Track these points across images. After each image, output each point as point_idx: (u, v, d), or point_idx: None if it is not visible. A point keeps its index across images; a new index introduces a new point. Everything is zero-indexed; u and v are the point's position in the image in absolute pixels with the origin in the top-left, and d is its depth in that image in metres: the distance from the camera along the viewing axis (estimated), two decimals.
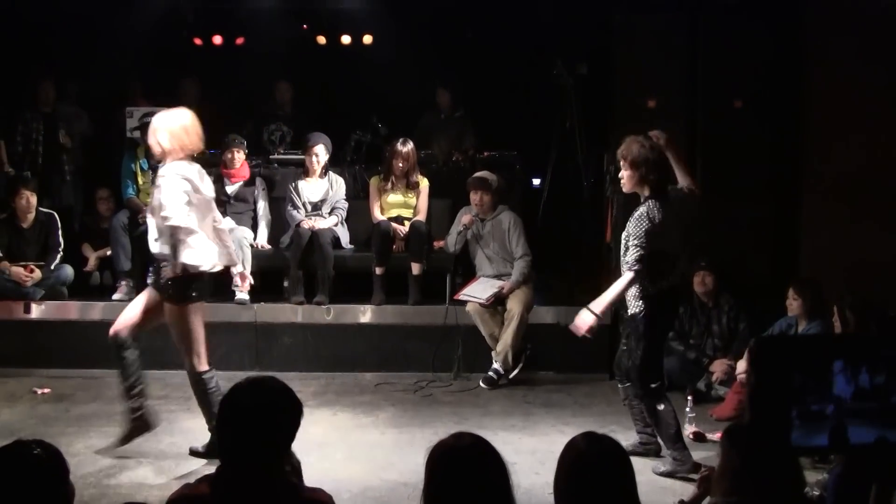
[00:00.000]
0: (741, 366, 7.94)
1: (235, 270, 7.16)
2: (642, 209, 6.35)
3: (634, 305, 6.41)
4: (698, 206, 6.61)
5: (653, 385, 6.49)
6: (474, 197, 9.30)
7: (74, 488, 3.37)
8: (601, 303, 6.33)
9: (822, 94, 9.24)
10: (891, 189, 8.51)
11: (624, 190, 6.62)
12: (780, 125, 9.53)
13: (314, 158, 9.74)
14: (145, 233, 9.45)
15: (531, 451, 6.92)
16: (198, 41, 12.39)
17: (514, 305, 8.96)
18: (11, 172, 10.23)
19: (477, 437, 3.36)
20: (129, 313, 6.69)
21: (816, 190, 9.32)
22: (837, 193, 8.90)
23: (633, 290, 6.35)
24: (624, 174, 6.48)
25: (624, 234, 6.39)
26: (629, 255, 6.27)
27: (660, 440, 6.70)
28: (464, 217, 9.33)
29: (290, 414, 3.40)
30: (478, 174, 9.48)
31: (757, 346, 3.67)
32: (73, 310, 9.46)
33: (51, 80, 10.59)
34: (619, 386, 7.03)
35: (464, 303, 9.08)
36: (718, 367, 8.42)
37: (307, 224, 9.54)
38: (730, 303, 8.70)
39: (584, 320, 6.31)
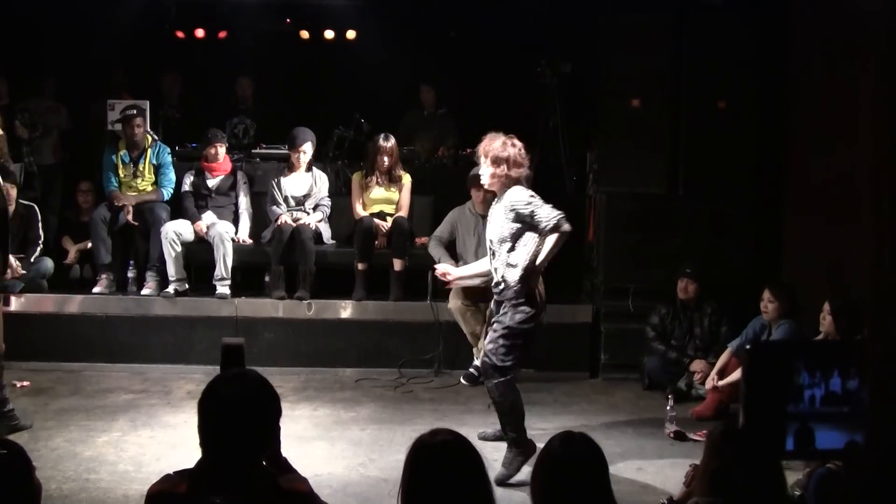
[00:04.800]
0: (718, 365, 8.01)
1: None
2: (515, 193, 6.33)
3: (516, 302, 6.36)
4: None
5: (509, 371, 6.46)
6: (477, 195, 9.09)
7: (41, 484, 3.35)
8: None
9: (805, 95, 9.24)
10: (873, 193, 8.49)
11: (486, 186, 6.60)
12: (764, 126, 9.53)
13: (301, 156, 9.71)
14: (126, 226, 9.59)
15: None
16: (180, 35, 12.34)
17: None
18: None
19: (456, 433, 3.35)
20: None
21: (799, 192, 9.32)
22: (820, 196, 8.88)
23: (515, 285, 6.33)
24: (484, 171, 6.45)
25: (504, 224, 6.33)
26: (547, 219, 6.19)
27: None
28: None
29: (269, 406, 3.39)
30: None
31: (752, 352, 3.66)
32: (53, 303, 9.41)
33: (2, 76, 10.57)
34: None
35: (445, 300, 8.98)
36: (698, 367, 8.43)
37: (288, 219, 9.52)
38: (713, 306, 8.72)
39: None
